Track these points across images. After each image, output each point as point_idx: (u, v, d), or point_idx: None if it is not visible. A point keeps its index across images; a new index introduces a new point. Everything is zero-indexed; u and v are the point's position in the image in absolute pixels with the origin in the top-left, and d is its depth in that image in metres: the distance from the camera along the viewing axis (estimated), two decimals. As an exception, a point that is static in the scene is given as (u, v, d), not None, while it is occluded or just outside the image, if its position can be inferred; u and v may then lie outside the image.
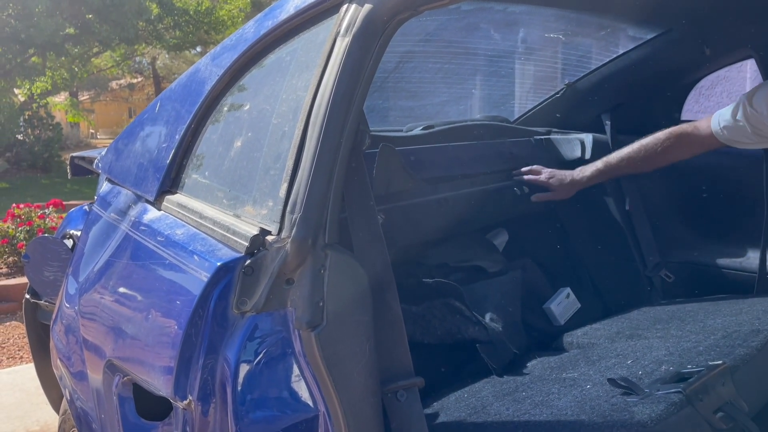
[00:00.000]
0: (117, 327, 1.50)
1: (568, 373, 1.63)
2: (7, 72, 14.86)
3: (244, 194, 1.36)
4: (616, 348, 1.74)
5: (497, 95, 3.17)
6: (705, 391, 1.31)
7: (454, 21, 2.51)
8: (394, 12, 1.16)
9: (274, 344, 1.15)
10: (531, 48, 2.94)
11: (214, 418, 1.18)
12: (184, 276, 1.30)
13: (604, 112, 2.54)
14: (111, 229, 1.74)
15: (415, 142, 2.20)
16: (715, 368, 1.35)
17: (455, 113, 3.18)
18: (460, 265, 2.19)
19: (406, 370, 1.23)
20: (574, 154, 2.46)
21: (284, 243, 1.13)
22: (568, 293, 2.24)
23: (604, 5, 2.19)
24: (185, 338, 1.19)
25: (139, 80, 28.57)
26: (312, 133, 1.15)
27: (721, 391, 1.33)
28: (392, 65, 2.56)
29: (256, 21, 1.55)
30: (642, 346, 1.71)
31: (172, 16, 17.33)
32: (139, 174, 1.76)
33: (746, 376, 1.41)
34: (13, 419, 3.26)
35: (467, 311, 1.91)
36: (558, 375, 1.64)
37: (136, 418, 1.42)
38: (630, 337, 1.82)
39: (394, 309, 1.24)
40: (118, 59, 20.66)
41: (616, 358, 1.65)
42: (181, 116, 1.64)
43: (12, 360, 4.32)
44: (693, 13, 2.17)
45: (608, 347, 1.77)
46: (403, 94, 2.87)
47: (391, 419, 1.21)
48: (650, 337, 1.79)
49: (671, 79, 2.46)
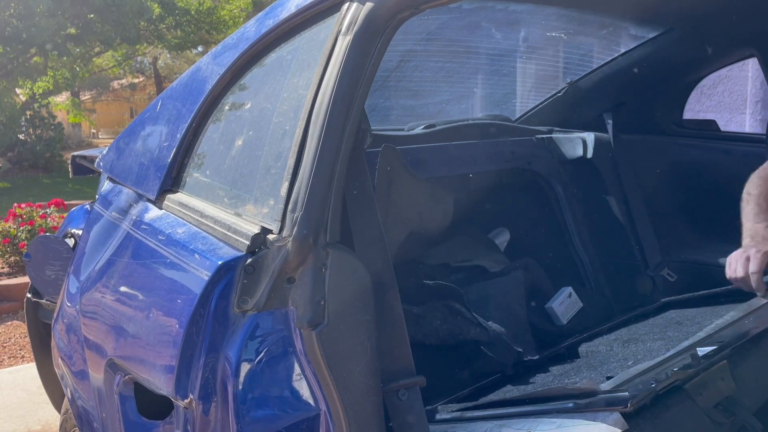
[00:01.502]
0: (118, 326, 1.49)
1: (570, 378, 1.65)
2: (9, 72, 14.88)
3: (246, 193, 1.36)
4: (617, 353, 1.75)
5: (499, 94, 3.17)
6: (704, 386, 1.31)
7: (455, 20, 2.50)
8: (395, 10, 1.15)
9: (275, 343, 1.15)
10: (532, 47, 2.93)
11: (215, 416, 1.18)
12: (185, 275, 1.30)
13: (606, 111, 2.54)
14: (112, 228, 1.74)
15: (417, 141, 2.20)
16: (715, 364, 1.35)
17: (457, 112, 3.18)
18: (462, 264, 2.19)
19: (407, 368, 1.23)
20: (575, 152, 2.46)
21: (285, 242, 1.13)
22: (570, 292, 2.24)
23: (606, 4, 2.18)
24: (186, 337, 1.19)
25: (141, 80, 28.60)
26: (313, 132, 1.15)
27: (720, 386, 1.33)
28: (393, 64, 2.56)
29: (257, 20, 1.54)
30: (642, 349, 1.72)
31: (174, 15, 17.34)
32: (140, 173, 1.76)
33: (746, 372, 1.41)
34: (14, 418, 3.26)
35: (468, 313, 1.91)
36: (560, 381, 1.65)
37: (137, 417, 1.42)
38: (628, 342, 1.83)
39: (396, 308, 1.24)
40: (120, 59, 20.69)
41: (617, 362, 1.66)
42: (183, 115, 1.64)
43: (13, 359, 4.33)
44: (695, 12, 2.17)
45: (608, 353, 1.78)
46: (405, 93, 2.87)
47: (392, 418, 1.21)
48: (648, 340, 1.80)
49: (673, 78, 2.46)
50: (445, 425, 1.39)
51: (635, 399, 1.17)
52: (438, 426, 1.39)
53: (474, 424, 1.34)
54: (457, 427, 1.36)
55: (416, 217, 1.94)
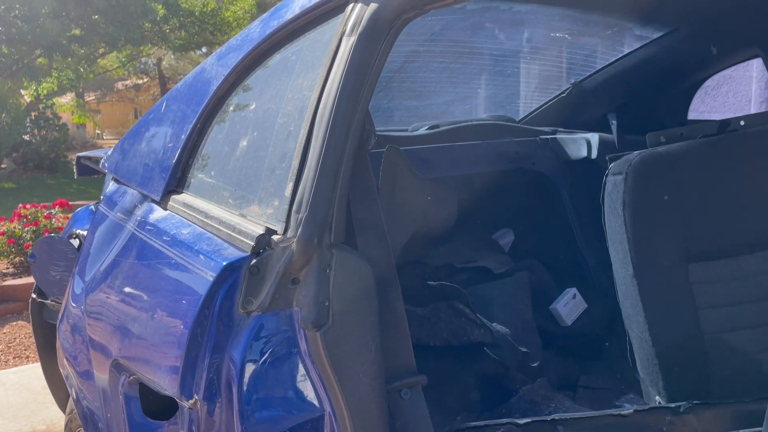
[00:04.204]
0: (123, 326, 1.50)
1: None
2: (14, 73, 14.93)
3: (250, 194, 1.36)
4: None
5: (503, 95, 3.17)
6: None
7: (459, 20, 2.50)
8: (399, 11, 1.15)
9: (280, 344, 1.15)
10: (536, 47, 2.93)
11: (219, 417, 1.18)
12: (189, 275, 1.30)
13: (611, 111, 2.53)
14: (117, 229, 1.74)
15: (421, 142, 2.20)
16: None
17: (460, 113, 3.18)
18: (466, 265, 2.18)
19: (410, 368, 1.23)
20: (580, 153, 2.46)
21: (290, 242, 1.13)
22: (575, 293, 2.24)
23: (610, 4, 2.18)
24: (191, 338, 1.19)
25: (145, 81, 28.64)
26: (318, 133, 1.15)
27: None
28: (397, 65, 2.56)
29: (261, 21, 1.55)
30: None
31: (178, 17, 17.35)
32: (145, 174, 1.76)
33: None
34: (19, 418, 3.27)
35: (472, 314, 1.91)
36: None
37: (142, 418, 1.42)
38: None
39: (398, 308, 1.24)
40: (124, 60, 20.72)
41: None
42: (187, 116, 1.64)
43: (18, 359, 4.34)
44: (700, 12, 2.16)
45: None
46: (409, 93, 2.87)
47: (395, 418, 1.21)
48: None
49: (678, 79, 2.45)
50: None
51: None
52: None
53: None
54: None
55: (420, 217, 1.94)
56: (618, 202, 1.61)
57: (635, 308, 1.59)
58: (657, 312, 1.57)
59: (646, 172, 1.63)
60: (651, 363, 1.57)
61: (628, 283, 1.60)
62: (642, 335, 1.58)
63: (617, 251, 1.64)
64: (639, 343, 1.60)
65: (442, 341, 1.87)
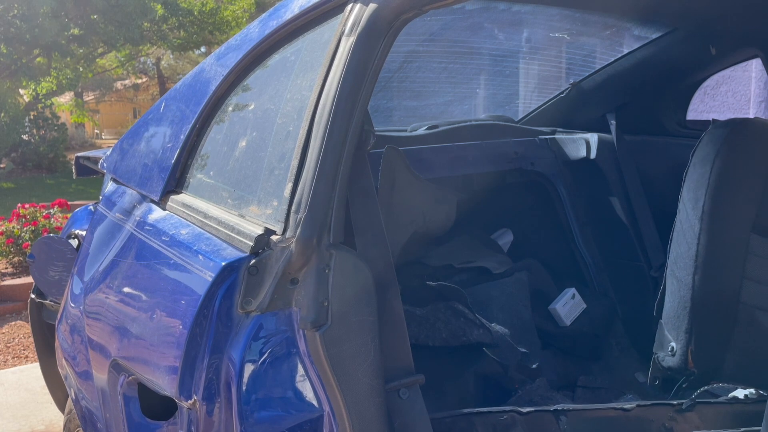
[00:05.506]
0: (122, 327, 1.50)
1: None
2: (13, 72, 14.91)
3: (249, 194, 1.36)
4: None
5: (502, 95, 3.17)
6: None
7: (458, 20, 2.50)
8: (398, 11, 1.16)
9: (279, 344, 1.15)
10: (536, 47, 2.93)
11: (218, 417, 1.18)
12: (188, 276, 1.30)
13: (609, 111, 2.53)
14: (116, 229, 1.74)
15: (420, 142, 2.20)
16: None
17: (460, 113, 3.18)
18: (465, 265, 2.19)
19: (407, 367, 1.23)
20: (579, 153, 2.46)
21: (289, 243, 1.13)
22: (574, 294, 2.24)
23: (609, 5, 2.18)
24: (190, 338, 1.19)
25: (144, 80, 28.64)
26: (317, 133, 1.15)
27: None
28: (396, 65, 2.56)
29: (260, 21, 1.55)
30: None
31: (177, 16, 17.35)
32: (144, 174, 1.76)
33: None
34: (18, 418, 3.27)
35: (471, 314, 1.91)
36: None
37: (141, 418, 1.42)
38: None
39: (396, 307, 1.24)
40: (123, 60, 20.71)
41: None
42: (186, 116, 1.64)
43: (17, 359, 4.33)
44: (698, 13, 2.16)
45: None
46: (408, 93, 2.87)
47: (394, 417, 1.21)
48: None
49: (677, 79, 2.45)
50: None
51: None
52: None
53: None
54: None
55: (419, 218, 1.94)
56: (713, 152, 1.65)
57: (689, 250, 1.62)
58: (708, 264, 1.60)
59: (748, 134, 1.68)
60: (682, 306, 1.60)
61: (693, 225, 1.63)
62: (685, 278, 1.61)
63: (691, 196, 1.67)
64: (677, 285, 1.63)
65: (441, 341, 1.87)
